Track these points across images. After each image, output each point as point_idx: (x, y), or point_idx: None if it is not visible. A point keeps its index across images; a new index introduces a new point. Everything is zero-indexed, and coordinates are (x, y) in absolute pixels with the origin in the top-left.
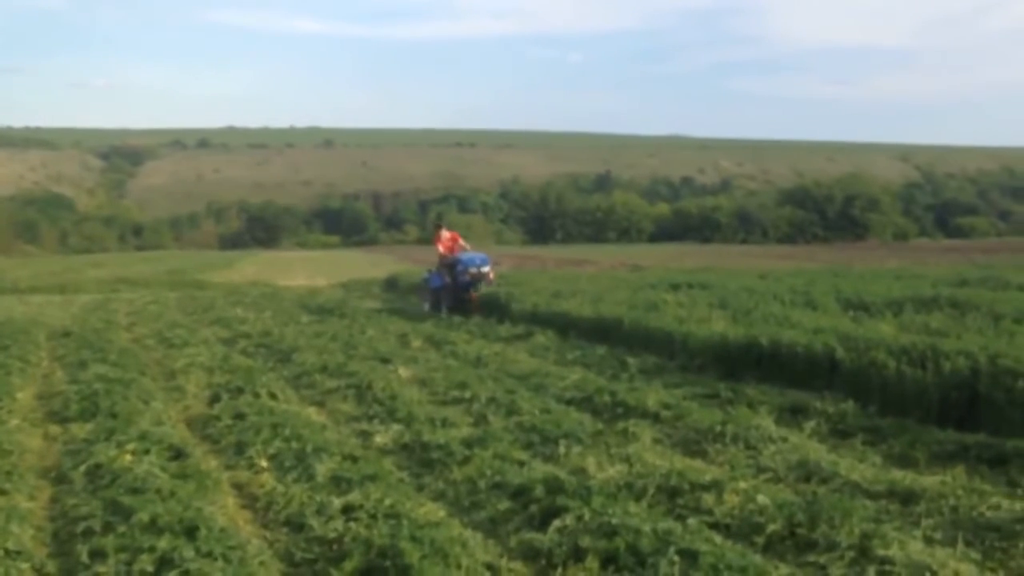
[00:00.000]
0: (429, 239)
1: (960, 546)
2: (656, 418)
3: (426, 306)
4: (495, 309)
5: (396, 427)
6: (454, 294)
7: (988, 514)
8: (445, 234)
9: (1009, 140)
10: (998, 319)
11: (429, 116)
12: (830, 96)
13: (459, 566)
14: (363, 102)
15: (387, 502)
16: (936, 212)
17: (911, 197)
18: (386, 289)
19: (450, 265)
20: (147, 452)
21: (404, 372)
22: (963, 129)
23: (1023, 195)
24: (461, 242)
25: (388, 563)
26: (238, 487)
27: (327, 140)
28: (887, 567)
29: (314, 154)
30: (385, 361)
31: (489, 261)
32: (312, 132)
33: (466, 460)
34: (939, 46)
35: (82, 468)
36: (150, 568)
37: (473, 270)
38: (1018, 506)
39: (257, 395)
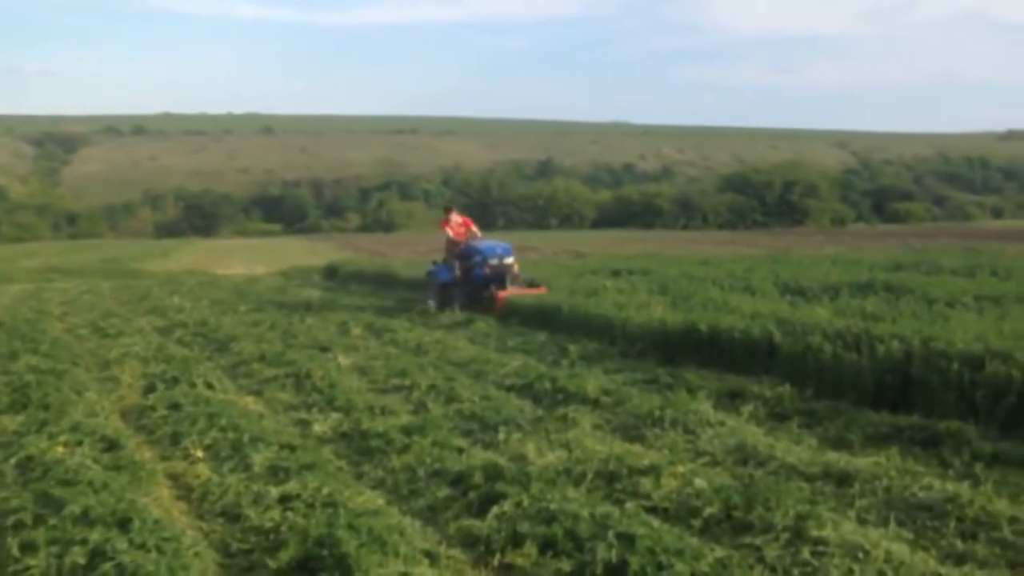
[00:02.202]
0: (373, 225)
1: (892, 526)
2: (596, 404)
3: (431, 304)
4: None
5: (335, 416)
6: (469, 291)
7: (920, 494)
8: (456, 218)
9: (944, 127)
10: (931, 303)
11: (370, 103)
12: (770, 84)
13: (397, 554)
14: (303, 88)
15: (325, 491)
16: (873, 198)
17: (849, 183)
18: (326, 277)
19: (463, 255)
20: (80, 444)
21: (343, 360)
22: (899, 116)
23: (957, 181)
24: (474, 228)
25: (325, 552)
26: (173, 478)
27: (266, 127)
28: (821, 548)
29: (253, 141)
30: (324, 349)
31: (512, 251)
32: (251, 118)
33: (405, 448)
34: (876, 34)
35: (12, 461)
36: (82, 561)
37: (494, 261)
38: (949, 486)
39: (193, 385)
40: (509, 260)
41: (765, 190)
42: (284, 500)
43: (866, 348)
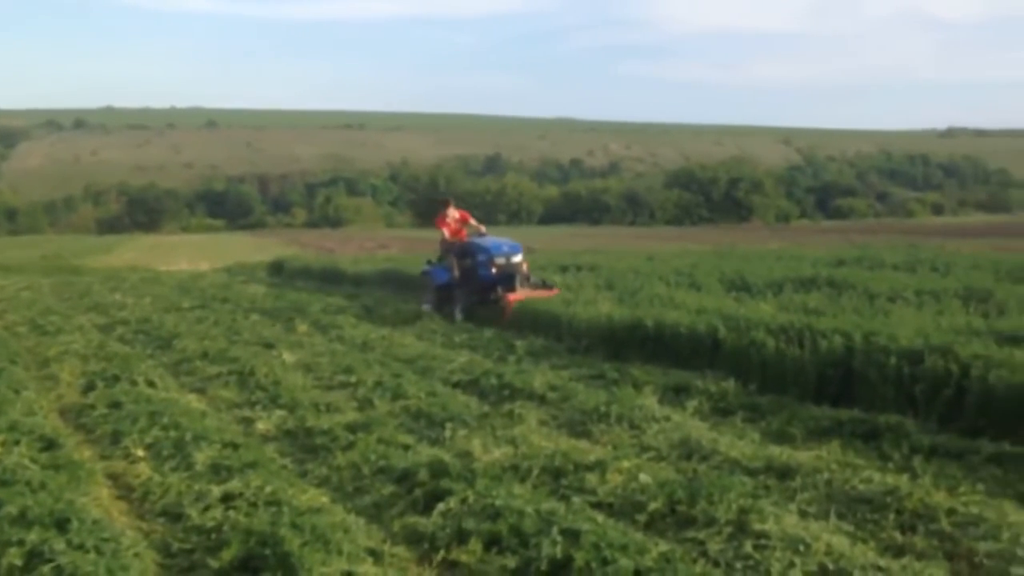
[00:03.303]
0: (320, 221)
1: (833, 519)
2: (542, 400)
3: (426, 307)
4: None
5: (279, 413)
6: (471, 293)
7: (860, 487)
8: (453, 213)
9: (886, 124)
10: (873, 298)
11: (316, 97)
12: (715, 80)
13: (341, 552)
14: (248, 82)
15: (268, 489)
16: (817, 194)
17: (793, 180)
18: (272, 273)
19: (464, 253)
20: (17, 443)
21: (288, 357)
22: (843, 113)
23: (899, 178)
24: (472, 222)
25: (268, 551)
26: (113, 477)
27: (210, 121)
28: (763, 541)
29: (197, 135)
30: (269, 346)
31: (521, 249)
32: (195, 113)
33: (350, 445)
34: (820, 32)
35: None
36: (19, 562)
37: (501, 260)
38: (889, 479)
39: (134, 383)
40: (517, 258)
41: (711, 186)
42: (226, 499)
43: (808, 343)
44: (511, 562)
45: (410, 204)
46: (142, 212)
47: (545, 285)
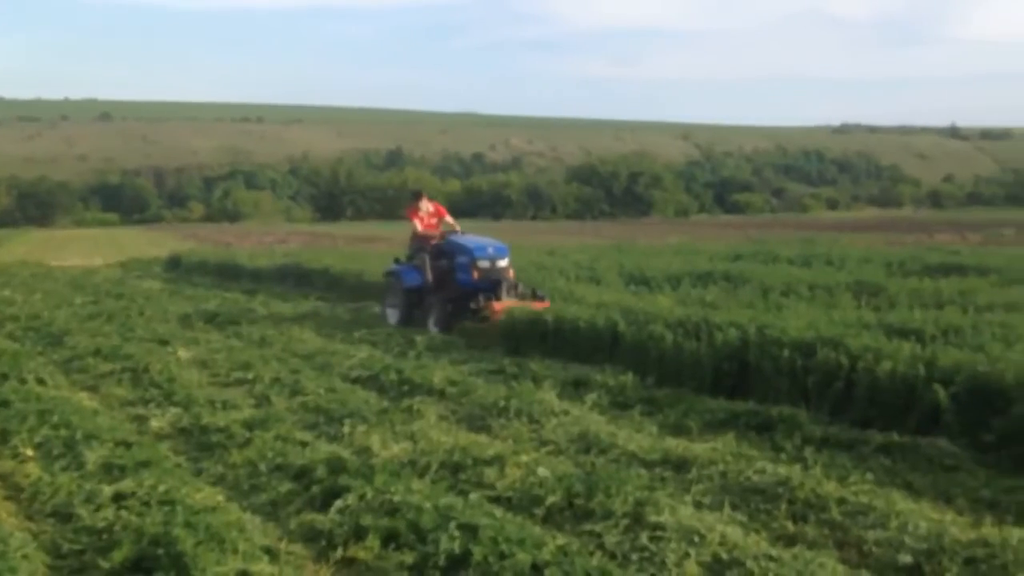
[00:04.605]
0: (218, 215)
1: (727, 510)
2: (442, 395)
3: (391, 316)
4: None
5: (174, 411)
6: (448, 301)
7: (754, 478)
8: (426, 205)
9: (782, 120)
10: (768, 292)
11: (214, 90)
12: (616, 76)
13: (236, 551)
14: (144, 74)
15: (161, 488)
16: (715, 189)
17: (692, 175)
18: (168, 268)
19: (440, 253)
20: None
21: (184, 354)
22: (740, 109)
23: (795, 173)
24: (448, 218)
25: (161, 551)
26: (1, 478)
27: (104, 113)
28: (659, 533)
29: (91, 128)
30: (164, 343)
31: (507, 252)
32: (88, 104)
33: (247, 442)
34: (716, 29)
35: None
36: None
37: (484, 263)
38: (781, 470)
39: (24, 381)
40: (504, 262)
41: (612, 181)
42: (118, 499)
43: (705, 336)
44: (409, 558)
45: (310, 198)
46: (33, 206)
47: (536, 295)
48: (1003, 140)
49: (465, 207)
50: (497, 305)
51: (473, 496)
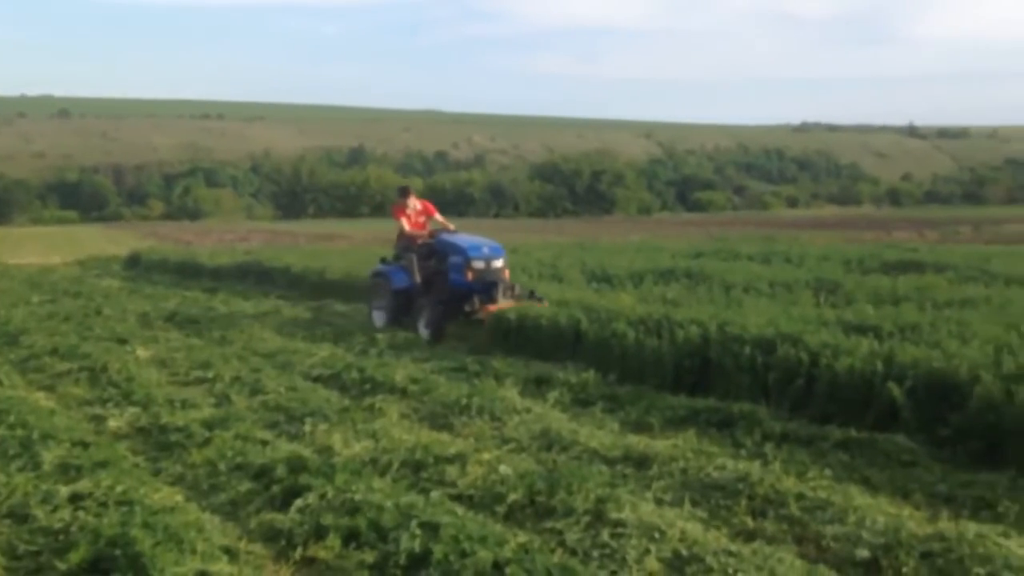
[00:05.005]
0: (178, 213)
1: (687, 506)
2: (404, 393)
3: (378, 318)
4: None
5: (132, 410)
6: (440, 303)
7: (714, 474)
8: (414, 203)
9: (743, 119)
10: (728, 289)
11: (174, 86)
12: (578, 74)
13: (194, 551)
14: (103, 70)
15: (119, 488)
16: (677, 187)
17: (654, 173)
18: (127, 267)
19: (431, 252)
20: None
21: (143, 353)
22: (701, 108)
23: (756, 171)
24: (438, 216)
25: (118, 552)
26: None
27: (62, 110)
28: (620, 529)
29: (48, 124)
30: (123, 342)
31: (503, 252)
32: (45, 101)
33: (206, 442)
34: (677, 27)
35: None
36: None
37: (479, 264)
38: (741, 466)
39: None
40: (499, 263)
41: (574, 179)
42: (75, 499)
43: (667, 333)
44: (369, 557)
45: (271, 196)
46: None
47: (534, 296)
48: (960, 139)
49: None
50: (493, 308)
51: (434, 494)
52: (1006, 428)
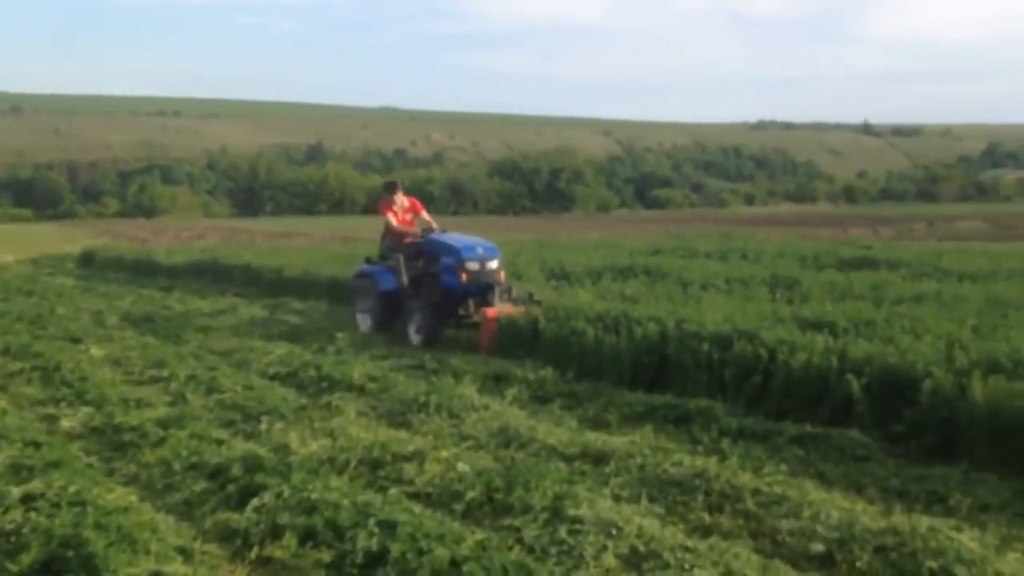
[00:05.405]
0: (133, 210)
1: (645, 502)
2: (361, 391)
3: (363, 322)
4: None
5: (86, 410)
6: (431, 307)
7: (671, 470)
8: (401, 199)
9: (701, 117)
10: (686, 286)
11: (129, 82)
12: (536, 72)
13: (148, 552)
14: (56, 66)
15: (72, 489)
16: (636, 184)
17: (613, 170)
18: (81, 265)
19: (420, 253)
20: None
21: (96, 352)
22: (659, 106)
23: (713, 169)
24: (424, 215)
25: (71, 553)
26: None
27: (15, 106)
28: (577, 526)
29: (1, 121)
30: (76, 341)
31: (498, 253)
32: None
33: (161, 441)
34: (634, 26)
35: None
36: None
37: (473, 265)
38: (698, 462)
39: None
40: (494, 264)
41: (534, 176)
42: (27, 500)
43: (625, 330)
44: (326, 556)
45: (228, 193)
46: None
47: (532, 299)
48: (914, 137)
49: None
50: (490, 312)
51: (392, 492)
52: (958, 423)
